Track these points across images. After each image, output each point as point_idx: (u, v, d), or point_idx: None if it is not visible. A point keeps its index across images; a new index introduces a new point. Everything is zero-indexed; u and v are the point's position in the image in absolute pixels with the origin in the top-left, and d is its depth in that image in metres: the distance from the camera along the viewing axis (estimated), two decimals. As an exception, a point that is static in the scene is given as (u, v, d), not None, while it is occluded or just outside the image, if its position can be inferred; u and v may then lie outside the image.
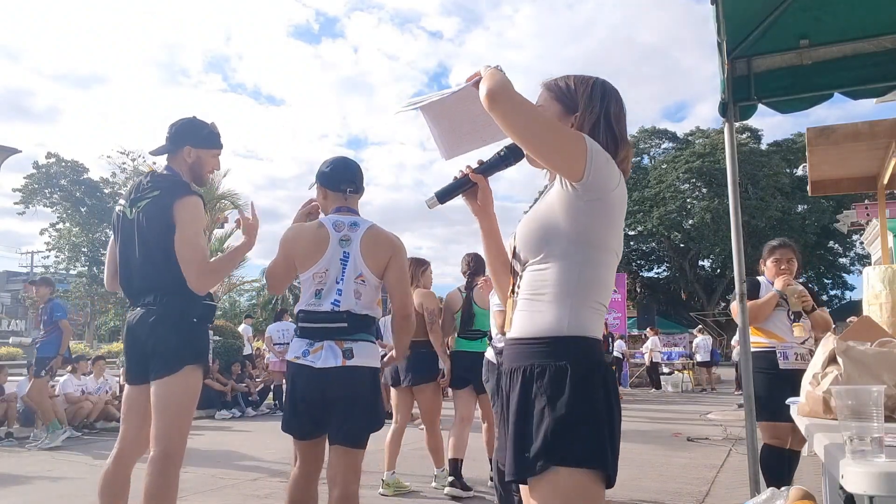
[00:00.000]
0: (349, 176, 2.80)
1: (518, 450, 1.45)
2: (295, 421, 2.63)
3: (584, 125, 1.57)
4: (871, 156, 3.79)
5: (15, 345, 17.37)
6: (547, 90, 1.67)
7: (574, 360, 1.45)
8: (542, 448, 1.40)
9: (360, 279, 2.63)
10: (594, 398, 1.44)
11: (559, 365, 1.44)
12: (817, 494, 2.64)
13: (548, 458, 1.40)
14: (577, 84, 1.63)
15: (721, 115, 3.68)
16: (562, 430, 1.40)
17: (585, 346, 1.48)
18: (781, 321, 3.90)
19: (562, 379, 1.43)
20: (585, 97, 1.61)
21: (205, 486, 5.08)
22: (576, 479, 1.40)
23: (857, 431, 1.30)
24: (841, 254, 36.27)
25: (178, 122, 2.98)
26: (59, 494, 4.97)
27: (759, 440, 3.65)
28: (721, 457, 6.32)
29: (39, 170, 33.54)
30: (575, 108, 1.60)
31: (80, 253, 33.26)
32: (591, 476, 1.41)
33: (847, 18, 3.32)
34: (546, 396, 1.43)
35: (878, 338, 2.00)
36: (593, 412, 1.43)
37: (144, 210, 2.81)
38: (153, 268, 2.77)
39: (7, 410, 7.73)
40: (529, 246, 1.54)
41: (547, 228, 1.51)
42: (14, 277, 48.19)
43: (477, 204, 1.71)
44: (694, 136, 36.28)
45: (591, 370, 1.46)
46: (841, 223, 17.40)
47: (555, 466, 1.40)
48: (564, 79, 1.66)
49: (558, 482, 1.40)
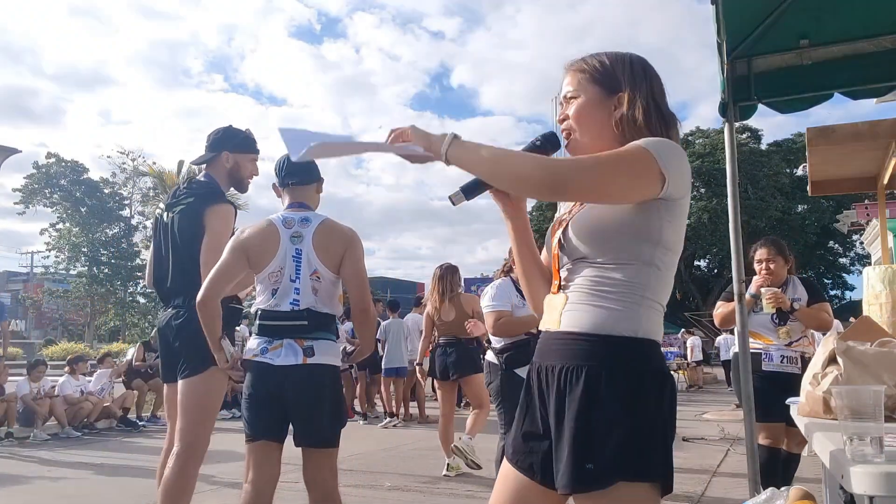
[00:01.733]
0: (291, 168, 2.68)
1: (578, 459, 1.32)
2: (251, 419, 2.54)
3: (634, 107, 1.43)
4: (871, 156, 3.79)
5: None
6: (580, 73, 1.51)
7: (648, 364, 1.37)
8: (612, 460, 1.29)
9: (315, 275, 2.56)
10: (661, 406, 1.36)
11: (633, 368, 1.35)
12: (817, 494, 2.64)
13: (617, 471, 1.30)
14: (615, 62, 1.49)
15: (721, 115, 3.68)
16: (635, 442, 1.31)
17: (656, 351, 1.41)
18: (765, 323, 3.87)
19: (637, 385, 1.34)
20: (628, 76, 1.47)
21: (204, 485, 5.07)
22: (644, 493, 1.32)
23: (857, 431, 1.30)
24: (841, 254, 36.27)
25: (215, 130, 3.11)
26: (59, 494, 4.97)
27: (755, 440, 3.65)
28: (718, 457, 6.31)
29: (39, 170, 33.56)
30: (617, 87, 1.46)
31: (80, 253, 33.28)
32: (654, 487, 1.33)
33: (847, 18, 3.32)
34: (619, 403, 1.32)
35: (878, 338, 2.00)
36: (661, 421, 1.35)
37: (179, 214, 2.95)
38: (183, 271, 2.90)
39: (7, 410, 7.72)
40: (595, 243, 1.41)
41: (618, 228, 1.38)
42: (14, 277, 48.17)
43: (510, 201, 1.55)
44: (694, 136, 36.27)
45: (662, 376, 1.39)
46: (841, 223, 17.43)
47: (624, 481, 1.30)
48: (597, 57, 1.51)
49: (622, 496, 1.30)
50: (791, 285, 3.95)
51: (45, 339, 28.57)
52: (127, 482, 5.33)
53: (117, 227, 34.66)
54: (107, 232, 34.39)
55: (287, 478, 5.21)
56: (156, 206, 32.31)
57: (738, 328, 3.67)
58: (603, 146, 1.42)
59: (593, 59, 1.51)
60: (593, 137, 1.47)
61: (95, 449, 7.14)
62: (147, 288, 3.74)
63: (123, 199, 35.30)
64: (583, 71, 1.50)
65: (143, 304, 34.12)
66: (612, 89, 1.46)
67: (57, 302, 35.46)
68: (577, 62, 1.53)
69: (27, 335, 32.62)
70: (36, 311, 36.30)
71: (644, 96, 1.45)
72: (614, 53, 1.51)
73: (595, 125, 1.47)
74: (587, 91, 1.48)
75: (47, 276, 36.65)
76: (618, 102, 1.45)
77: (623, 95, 1.44)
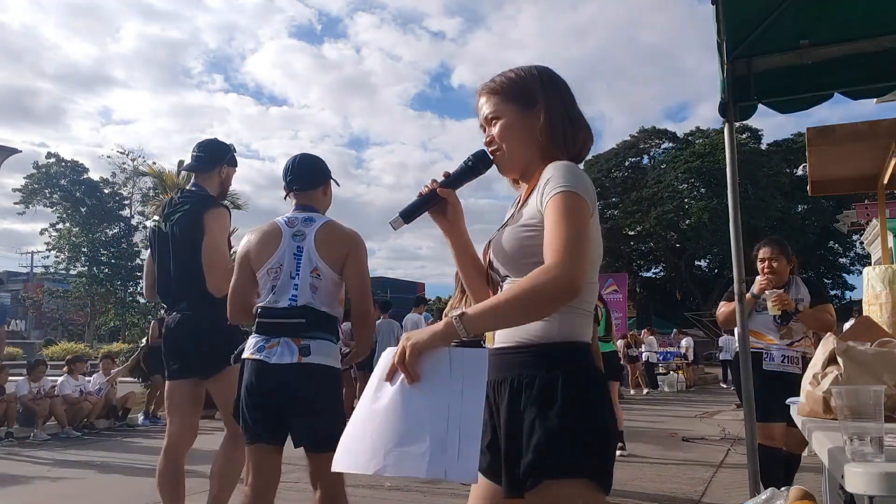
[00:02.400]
0: (293, 174, 2.73)
1: (513, 464, 1.40)
2: (248, 421, 2.53)
3: (551, 118, 1.52)
4: (871, 156, 3.79)
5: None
6: (494, 94, 1.58)
7: (566, 366, 1.41)
8: (536, 461, 1.35)
9: (315, 273, 2.55)
10: (595, 405, 1.41)
11: (550, 373, 1.40)
12: (817, 494, 2.64)
13: (543, 471, 1.35)
14: (525, 77, 1.57)
15: (721, 116, 3.68)
16: (556, 441, 1.35)
17: (577, 352, 1.45)
18: (767, 323, 3.87)
19: (553, 387, 1.38)
20: (540, 88, 1.55)
21: (204, 485, 5.07)
22: (573, 490, 1.35)
23: (857, 431, 1.30)
24: (841, 254, 36.27)
25: (208, 143, 3.40)
26: (59, 494, 4.97)
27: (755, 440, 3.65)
28: (718, 457, 6.32)
29: (39, 170, 33.56)
30: (532, 101, 1.54)
31: (80, 253, 33.26)
32: (590, 485, 1.37)
33: (847, 18, 3.32)
34: (536, 407, 1.38)
35: (878, 338, 2.00)
36: (595, 419, 1.40)
37: (177, 223, 3.14)
38: (187, 275, 3.08)
39: (7, 410, 7.72)
40: (515, 264, 1.47)
41: (537, 249, 1.41)
42: (14, 277, 48.13)
43: (446, 221, 1.62)
44: (694, 136, 36.28)
45: (585, 375, 1.43)
46: (841, 223, 17.44)
47: (549, 480, 1.35)
48: (506, 75, 1.59)
49: (556, 495, 1.35)
50: (794, 286, 3.94)
51: (45, 339, 28.57)
52: (127, 482, 5.33)
53: (117, 227, 34.65)
54: (107, 232, 34.38)
55: (288, 478, 5.22)
56: (151, 218, 32.49)
57: (738, 328, 3.67)
58: (530, 156, 1.54)
59: (503, 78, 1.59)
60: (520, 151, 1.55)
61: (95, 449, 7.14)
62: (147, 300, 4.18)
63: (123, 199, 35.29)
64: (497, 92, 1.57)
65: (143, 304, 34.08)
66: (529, 104, 1.54)
67: (57, 302, 35.44)
68: (489, 84, 1.59)
69: (27, 335, 32.63)
70: (36, 311, 36.29)
71: (557, 106, 1.54)
72: (522, 69, 1.59)
73: (520, 140, 1.55)
74: (506, 110, 1.56)
75: (47, 276, 36.64)
76: (536, 115, 1.53)
77: (539, 108, 1.53)
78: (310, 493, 2.61)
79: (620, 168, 37.77)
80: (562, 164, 1.45)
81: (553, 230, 1.36)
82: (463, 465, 1.24)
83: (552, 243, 1.35)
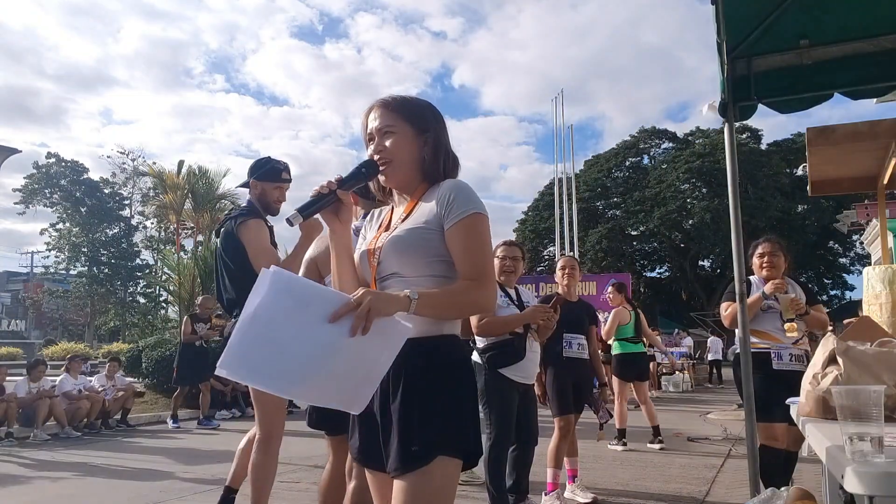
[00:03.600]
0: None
1: (404, 442, 1.52)
2: (317, 416, 2.70)
3: (438, 147, 1.71)
4: (871, 156, 3.79)
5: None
6: (394, 111, 1.73)
7: (454, 356, 1.63)
8: (432, 440, 1.51)
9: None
10: (468, 390, 1.63)
11: (443, 361, 1.60)
12: (817, 494, 2.64)
13: (436, 448, 1.51)
14: (421, 106, 1.76)
15: (721, 116, 3.68)
16: (450, 422, 1.54)
17: (458, 343, 1.68)
18: (774, 322, 3.86)
19: (446, 374, 1.59)
20: (432, 120, 1.74)
21: (204, 485, 5.08)
22: (449, 467, 1.53)
23: (857, 431, 1.30)
24: (841, 254, 36.24)
25: (254, 161, 3.65)
26: (59, 494, 4.97)
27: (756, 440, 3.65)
28: (721, 457, 6.32)
29: (39, 170, 33.58)
30: (425, 127, 1.72)
31: (80, 253, 33.29)
32: (458, 463, 1.55)
33: (847, 18, 3.32)
34: (433, 391, 1.56)
35: (878, 338, 2.00)
36: (469, 403, 1.62)
37: (222, 237, 3.49)
38: (233, 284, 3.37)
39: (7, 410, 7.72)
40: (404, 262, 1.64)
41: (424, 251, 1.62)
42: (14, 277, 48.17)
43: (338, 221, 1.70)
44: (694, 136, 36.28)
45: (465, 364, 1.66)
46: (841, 223, 17.43)
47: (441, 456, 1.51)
48: (406, 99, 1.76)
49: (441, 470, 1.51)
50: (791, 286, 3.95)
51: (45, 339, 28.56)
52: (127, 482, 5.33)
53: (117, 227, 34.70)
54: (107, 232, 34.42)
55: (287, 478, 5.23)
56: (150, 218, 32.46)
57: (739, 328, 3.67)
58: (413, 174, 1.72)
59: (403, 99, 1.76)
60: (407, 167, 1.72)
61: (95, 449, 7.14)
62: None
63: (123, 199, 35.34)
64: (395, 110, 1.73)
65: (143, 304, 34.14)
66: (421, 129, 1.72)
67: (57, 302, 35.48)
68: (389, 101, 1.75)
69: (27, 335, 32.62)
70: (36, 311, 36.31)
71: (443, 140, 1.74)
72: (418, 98, 1.79)
73: (408, 158, 1.71)
74: (402, 128, 1.71)
75: (47, 276, 36.69)
76: (425, 142, 1.72)
77: (430, 136, 1.72)
78: (311, 493, 2.64)
79: (621, 168, 37.77)
80: (464, 183, 1.67)
81: (477, 251, 1.60)
82: (358, 400, 1.50)
83: (478, 265, 1.60)
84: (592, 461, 5.92)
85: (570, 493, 4.57)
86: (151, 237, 34.40)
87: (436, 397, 1.55)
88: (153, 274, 29.94)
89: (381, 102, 1.75)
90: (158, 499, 4.70)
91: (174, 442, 7.83)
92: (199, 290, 13.42)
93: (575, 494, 4.55)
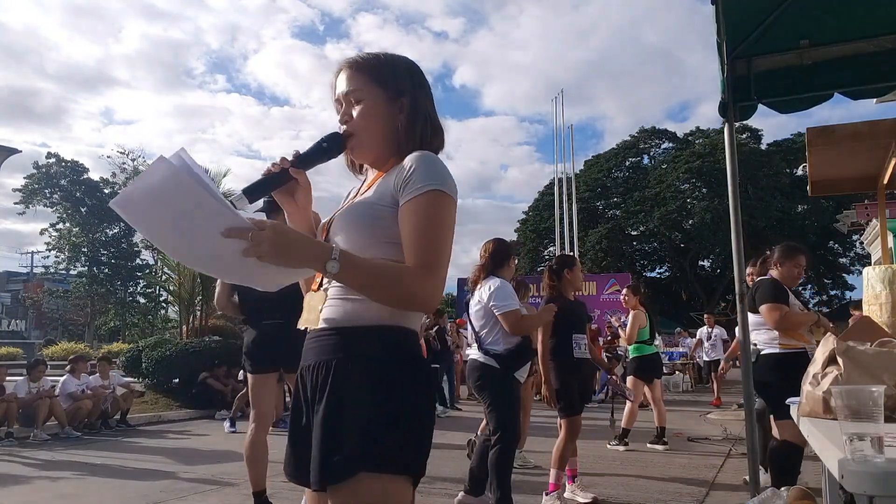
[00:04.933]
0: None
1: (325, 453, 1.28)
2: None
3: (414, 114, 1.44)
4: (871, 156, 3.79)
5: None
6: (360, 72, 1.45)
7: (396, 351, 1.34)
8: (356, 452, 1.26)
9: None
10: (411, 393, 1.33)
11: (380, 356, 1.32)
12: (817, 494, 2.64)
13: (360, 462, 1.25)
14: (395, 65, 1.47)
15: (721, 116, 3.68)
16: (379, 432, 1.27)
17: (407, 337, 1.38)
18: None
19: (384, 372, 1.31)
20: (408, 81, 1.46)
21: (205, 485, 5.08)
22: (387, 484, 1.27)
23: (857, 431, 1.30)
24: (841, 254, 36.21)
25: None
26: (59, 494, 4.97)
27: (758, 439, 3.65)
28: (721, 457, 6.32)
29: (39, 170, 33.56)
30: (399, 91, 1.44)
31: (80, 253, 33.26)
32: (398, 480, 1.28)
33: (847, 18, 3.32)
34: (364, 392, 1.29)
35: (878, 338, 2.00)
36: (411, 409, 1.32)
37: None
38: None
39: (7, 410, 7.72)
40: (362, 240, 1.37)
41: (374, 230, 1.36)
42: (14, 277, 48.15)
43: (294, 203, 1.48)
44: (694, 136, 36.28)
45: (412, 362, 1.36)
46: (841, 223, 17.40)
47: (361, 473, 1.25)
48: (377, 57, 1.47)
49: (361, 489, 1.25)
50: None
51: (45, 339, 28.55)
52: (127, 482, 5.33)
53: (117, 227, 34.64)
54: (107, 232, 34.39)
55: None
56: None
57: (739, 329, 3.67)
58: (385, 146, 1.45)
59: (373, 57, 1.47)
60: (377, 140, 1.45)
61: (95, 449, 7.13)
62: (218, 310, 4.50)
63: (123, 199, 35.26)
64: (364, 71, 1.45)
65: (143, 304, 34.12)
66: (395, 93, 1.44)
67: (57, 302, 35.45)
68: (357, 61, 1.47)
69: (27, 335, 32.60)
70: (36, 311, 36.28)
71: (422, 106, 1.46)
72: (393, 55, 1.49)
73: (379, 130, 1.44)
74: (372, 94, 1.44)
75: (47, 276, 36.65)
76: (398, 107, 1.44)
77: (405, 101, 1.44)
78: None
79: (621, 168, 37.76)
80: (429, 155, 1.38)
81: (428, 235, 1.30)
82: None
83: (426, 252, 1.30)
84: (592, 461, 5.92)
85: (570, 493, 4.57)
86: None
87: (369, 401, 1.28)
88: (153, 274, 29.88)
89: (348, 62, 1.47)
90: (158, 499, 4.70)
91: (174, 442, 7.82)
92: (199, 290, 13.41)
93: (575, 494, 4.55)
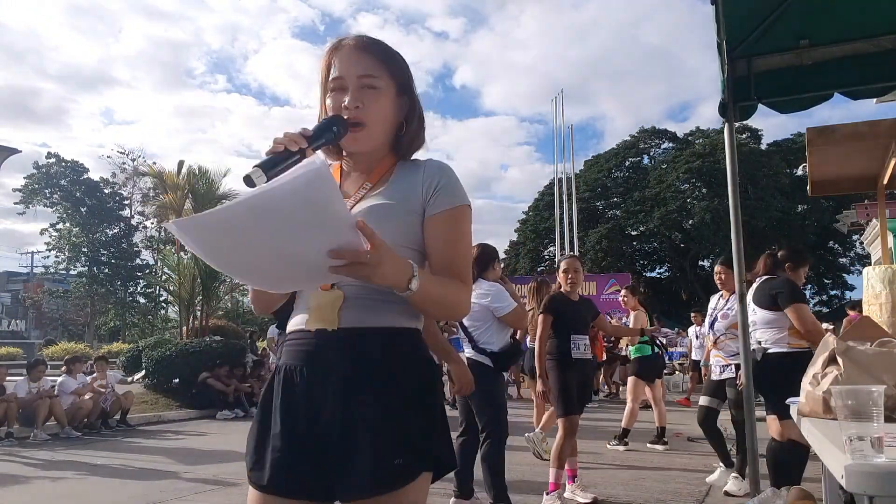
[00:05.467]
0: None
1: (381, 458, 1.23)
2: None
3: (413, 113, 1.41)
4: (871, 156, 3.79)
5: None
6: (375, 58, 1.35)
7: (426, 352, 1.40)
8: (411, 454, 1.26)
9: None
10: (441, 392, 1.39)
11: (419, 358, 1.36)
12: (817, 494, 2.64)
13: (416, 464, 1.26)
14: (400, 56, 1.42)
15: (721, 116, 3.68)
16: (426, 431, 1.29)
17: (423, 338, 1.42)
18: None
19: (424, 373, 1.34)
20: (410, 75, 1.42)
21: (205, 485, 5.08)
22: (426, 484, 1.30)
23: (857, 431, 1.30)
24: (841, 254, 36.25)
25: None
26: (59, 494, 4.97)
27: (757, 440, 3.65)
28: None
29: (40, 170, 33.56)
30: (405, 88, 1.40)
31: (80, 253, 33.27)
32: (429, 476, 1.32)
33: (847, 18, 3.32)
34: (415, 393, 1.30)
35: (878, 338, 2.00)
36: (441, 408, 1.36)
37: None
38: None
39: (7, 410, 7.72)
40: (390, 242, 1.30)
41: (414, 237, 1.35)
42: (14, 278, 48.14)
43: None
44: (694, 136, 36.30)
45: (434, 363, 1.42)
46: (841, 223, 17.41)
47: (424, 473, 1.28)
48: (385, 45, 1.40)
49: (412, 490, 1.26)
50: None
51: (45, 339, 28.56)
52: (127, 482, 5.33)
53: (117, 227, 34.68)
54: (107, 232, 34.40)
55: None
56: (155, 205, 32.40)
57: (739, 329, 3.67)
58: (384, 142, 1.40)
59: (386, 45, 1.40)
60: (384, 135, 1.40)
61: (95, 449, 7.13)
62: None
63: (123, 199, 35.30)
64: (382, 59, 1.37)
65: (144, 304, 34.14)
66: (402, 89, 1.40)
67: (57, 302, 35.45)
68: (372, 44, 1.37)
69: (27, 335, 32.60)
70: (36, 311, 36.29)
71: (418, 106, 1.43)
72: (400, 54, 1.43)
73: (387, 124, 1.39)
74: (386, 84, 1.36)
75: (47, 276, 36.66)
76: (404, 104, 1.41)
77: (409, 98, 1.41)
78: None
79: (621, 168, 37.78)
80: (451, 169, 1.40)
81: (461, 247, 1.36)
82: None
83: (459, 264, 1.35)
84: (592, 461, 5.92)
85: (570, 493, 4.56)
86: (151, 237, 34.38)
87: (415, 403, 1.29)
88: (153, 274, 29.90)
89: (358, 42, 1.36)
90: (158, 499, 4.70)
91: (174, 442, 7.83)
92: (199, 290, 13.41)
93: (575, 494, 4.55)
